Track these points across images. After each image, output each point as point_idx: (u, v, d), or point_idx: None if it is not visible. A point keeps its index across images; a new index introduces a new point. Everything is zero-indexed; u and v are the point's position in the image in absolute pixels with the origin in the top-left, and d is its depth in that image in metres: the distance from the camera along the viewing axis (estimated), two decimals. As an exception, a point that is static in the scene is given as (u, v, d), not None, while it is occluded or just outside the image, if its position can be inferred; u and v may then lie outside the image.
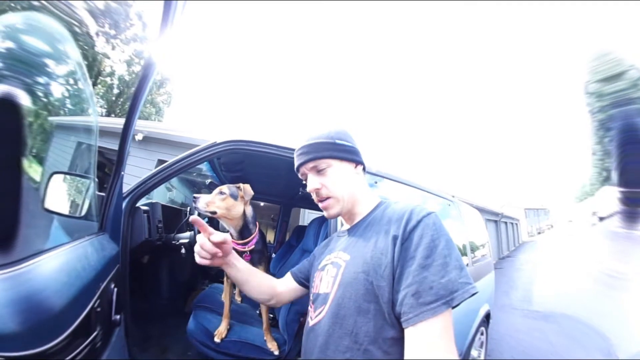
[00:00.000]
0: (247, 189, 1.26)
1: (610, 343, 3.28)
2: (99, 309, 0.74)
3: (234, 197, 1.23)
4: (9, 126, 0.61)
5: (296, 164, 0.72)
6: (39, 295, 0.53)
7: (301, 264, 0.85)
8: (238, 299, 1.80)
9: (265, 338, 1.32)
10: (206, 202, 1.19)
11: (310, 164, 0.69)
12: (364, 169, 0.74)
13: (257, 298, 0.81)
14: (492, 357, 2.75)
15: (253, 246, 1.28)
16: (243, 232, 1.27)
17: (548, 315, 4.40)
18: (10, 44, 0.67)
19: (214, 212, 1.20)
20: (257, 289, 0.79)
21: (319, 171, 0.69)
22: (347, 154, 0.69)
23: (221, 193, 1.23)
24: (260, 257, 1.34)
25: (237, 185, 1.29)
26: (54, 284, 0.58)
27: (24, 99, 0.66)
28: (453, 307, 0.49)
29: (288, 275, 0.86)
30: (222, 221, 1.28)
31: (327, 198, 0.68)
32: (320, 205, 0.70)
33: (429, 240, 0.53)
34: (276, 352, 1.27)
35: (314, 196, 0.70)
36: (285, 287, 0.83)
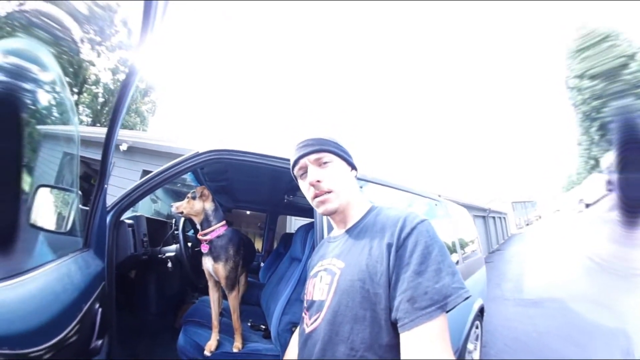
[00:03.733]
0: (198, 190, 1.49)
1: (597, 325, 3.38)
2: (73, 339, 0.67)
3: (194, 198, 1.47)
4: (10, 134, 0.59)
5: (296, 155, 0.71)
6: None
7: None
8: None
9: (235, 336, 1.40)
10: (176, 206, 1.47)
11: (314, 156, 0.69)
12: (355, 175, 0.76)
13: None
14: (487, 348, 2.82)
15: (212, 238, 1.44)
16: (203, 225, 1.47)
17: (537, 301, 4.54)
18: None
19: (182, 212, 1.45)
20: None
21: (321, 164, 0.69)
22: (347, 155, 0.73)
23: (186, 198, 1.50)
24: (221, 255, 1.42)
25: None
26: (19, 319, 0.53)
27: (24, 109, 0.64)
28: (447, 312, 0.50)
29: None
30: (192, 218, 1.50)
31: (328, 192, 0.67)
32: (317, 200, 0.68)
33: (423, 247, 0.54)
34: (236, 350, 1.34)
35: (310, 191, 0.69)
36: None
